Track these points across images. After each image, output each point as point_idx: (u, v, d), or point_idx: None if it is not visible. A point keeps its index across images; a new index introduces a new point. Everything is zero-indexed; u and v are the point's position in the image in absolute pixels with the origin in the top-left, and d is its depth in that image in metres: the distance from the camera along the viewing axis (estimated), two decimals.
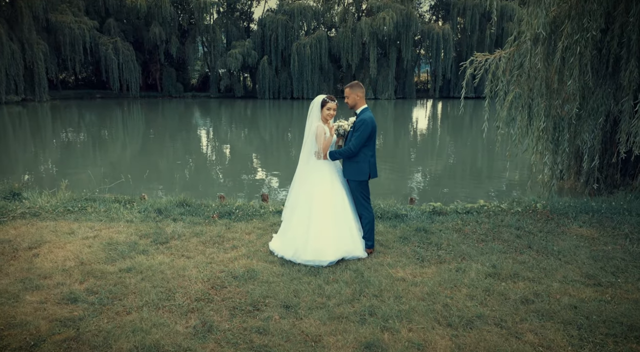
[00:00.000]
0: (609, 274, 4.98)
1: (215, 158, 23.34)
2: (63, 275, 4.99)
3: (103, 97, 53.01)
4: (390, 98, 54.74)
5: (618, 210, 7.15)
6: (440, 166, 21.12)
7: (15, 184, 8.61)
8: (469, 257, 5.46)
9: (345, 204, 5.49)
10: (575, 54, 6.79)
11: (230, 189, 16.80)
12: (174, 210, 7.28)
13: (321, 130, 5.33)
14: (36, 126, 31.68)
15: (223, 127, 35.74)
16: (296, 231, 5.38)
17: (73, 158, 22.12)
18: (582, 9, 6.67)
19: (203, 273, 5.04)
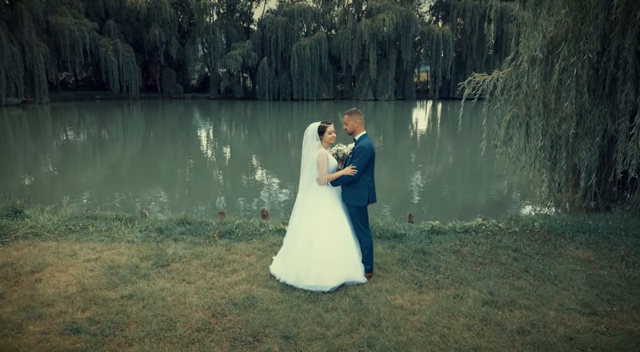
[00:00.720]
0: (605, 302, 5.04)
1: (216, 159, 23.43)
2: (65, 302, 5.06)
3: (103, 98, 53.06)
4: (390, 99, 54.77)
5: (615, 229, 7.21)
6: (440, 167, 21.21)
7: (17, 201, 8.67)
8: (467, 283, 5.53)
9: (346, 228, 5.55)
10: (572, 76, 6.86)
11: (229, 189, 16.88)
12: (175, 229, 7.34)
13: (324, 158, 5.39)
14: (36, 128, 31.75)
15: (223, 128, 35.83)
16: (298, 256, 5.44)
17: (73, 160, 22.20)
18: (578, 32, 6.73)
19: (204, 300, 5.11)
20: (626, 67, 6.89)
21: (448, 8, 57.81)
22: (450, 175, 19.04)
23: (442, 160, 23.48)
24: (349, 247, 5.51)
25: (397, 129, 35.38)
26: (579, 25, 6.74)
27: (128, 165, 21.90)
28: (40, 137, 28.73)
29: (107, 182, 17.73)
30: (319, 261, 5.30)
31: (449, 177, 18.42)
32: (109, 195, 15.63)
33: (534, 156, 7.79)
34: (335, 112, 46.04)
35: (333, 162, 5.54)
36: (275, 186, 18.01)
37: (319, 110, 46.21)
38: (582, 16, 6.70)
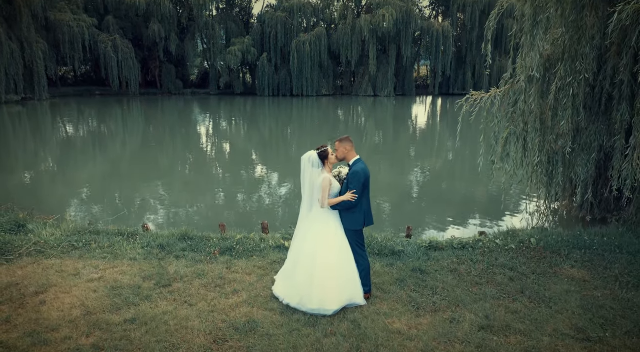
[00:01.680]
0: (598, 327, 5.15)
1: (215, 155, 23.53)
2: (70, 327, 5.16)
3: (102, 94, 52.99)
4: (390, 95, 54.72)
5: (610, 246, 7.31)
6: (440, 162, 21.31)
7: (20, 215, 8.77)
8: (463, 305, 5.63)
9: (348, 252, 5.64)
10: (568, 95, 6.94)
11: (229, 185, 16.97)
12: (177, 245, 7.44)
13: (327, 183, 5.47)
14: (36, 125, 31.78)
15: (223, 124, 35.89)
16: (301, 279, 5.53)
17: (73, 156, 22.26)
18: (575, 53, 6.80)
19: (205, 324, 5.22)
20: (622, 87, 6.97)
21: (448, 3, 57.56)
22: (450, 170, 19.12)
23: (441, 155, 23.60)
24: (351, 270, 5.60)
25: (396, 126, 35.44)
26: (575, 45, 6.80)
27: (128, 161, 21.99)
28: (40, 134, 28.78)
29: (107, 178, 17.84)
30: (321, 286, 5.40)
31: (448, 173, 18.51)
32: (108, 191, 15.76)
33: (531, 171, 7.88)
34: (335, 109, 46.08)
35: (336, 186, 5.62)
36: (275, 181, 18.13)
37: (319, 107, 46.24)
38: (578, 37, 6.76)
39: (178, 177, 18.42)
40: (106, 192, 15.63)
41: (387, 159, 22.74)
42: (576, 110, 7.15)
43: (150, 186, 16.91)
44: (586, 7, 6.62)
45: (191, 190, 16.18)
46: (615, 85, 7.18)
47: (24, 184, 16.55)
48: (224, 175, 19.20)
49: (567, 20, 6.74)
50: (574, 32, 6.77)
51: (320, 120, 37.54)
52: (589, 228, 8.40)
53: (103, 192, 15.49)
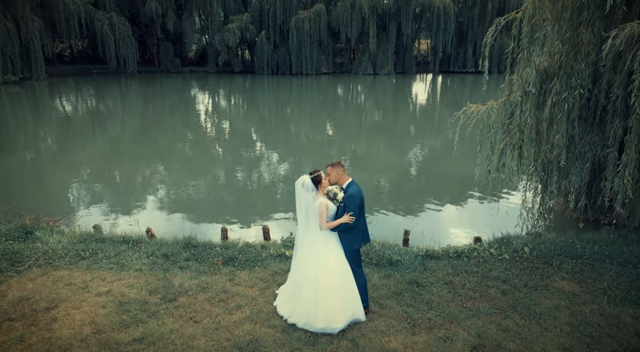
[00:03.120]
0: (584, 347, 5.42)
1: (215, 134, 23.66)
2: (82, 346, 5.42)
3: (100, 72, 52.61)
4: (390, 73, 54.39)
5: (600, 256, 7.54)
6: (439, 142, 21.47)
7: (26, 219, 8.98)
8: (457, 322, 5.89)
9: (348, 270, 5.84)
10: (563, 110, 7.06)
11: (229, 164, 17.17)
12: (180, 255, 7.66)
13: (324, 208, 5.64)
14: (34, 106, 31.76)
15: (222, 103, 35.86)
16: (306, 301, 5.73)
17: (72, 136, 22.38)
18: (570, 69, 6.90)
19: (210, 343, 5.47)
20: (616, 103, 7.08)
21: None
22: (449, 149, 19.27)
23: (440, 134, 23.72)
24: (352, 288, 5.82)
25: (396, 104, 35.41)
26: (571, 61, 6.89)
27: (127, 141, 22.12)
28: (39, 114, 28.77)
29: (107, 158, 18.04)
30: (326, 306, 5.62)
31: (447, 153, 18.66)
32: (108, 171, 15.99)
33: (526, 180, 8.05)
34: (335, 87, 45.91)
35: (333, 209, 5.80)
36: (275, 160, 18.34)
37: (319, 85, 46.03)
38: (574, 53, 6.84)
39: (178, 156, 18.61)
40: (106, 172, 15.87)
41: (386, 138, 22.88)
42: (571, 124, 7.29)
43: (150, 165, 17.12)
44: (582, 24, 6.68)
45: (191, 169, 16.40)
46: (610, 98, 7.30)
47: (24, 166, 16.74)
48: (224, 154, 19.36)
49: (564, 37, 6.81)
50: (570, 48, 6.85)
51: (320, 99, 37.48)
52: (581, 233, 8.60)
53: (103, 173, 15.73)
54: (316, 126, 26.31)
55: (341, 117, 29.54)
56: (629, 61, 6.32)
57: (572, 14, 6.72)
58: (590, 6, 6.62)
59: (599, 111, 7.59)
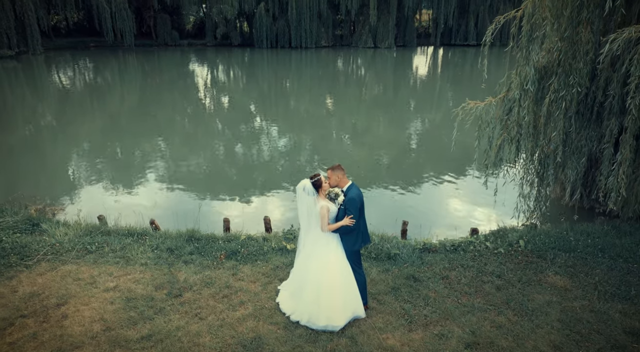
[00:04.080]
0: (573, 344, 5.66)
1: (215, 108, 23.73)
2: (92, 344, 5.66)
3: (97, 46, 52.02)
4: (391, 47, 53.79)
5: (593, 249, 7.74)
6: (439, 116, 21.56)
7: (32, 211, 9.16)
8: (452, 318, 6.13)
9: (349, 270, 6.04)
10: (560, 108, 7.14)
11: (228, 138, 17.35)
12: (184, 248, 7.86)
13: (325, 211, 5.80)
14: (32, 80, 31.67)
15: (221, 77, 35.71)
16: (308, 299, 5.95)
17: (71, 111, 22.44)
18: (569, 67, 6.96)
19: (215, 340, 5.72)
20: (612, 102, 7.15)
21: None
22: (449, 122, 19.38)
23: (441, 108, 23.76)
24: (353, 287, 6.03)
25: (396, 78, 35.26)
26: (570, 60, 6.93)
27: (127, 115, 22.18)
28: (37, 89, 28.70)
29: (106, 133, 18.17)
30: (328, 305, 5.85)
31: (447, 128, 18.77)
32: (110, 146, 16.17)
33: (523, 172, 8.20)
34: (335, 61, 45.53)
35: (334, 211, 5.96)
36: (274, 134, 18.47)
37: (318, 59, 45.65)
38: (573, 52, 6.89)
39: (177, 131, 18.72)
40: (106, 147, 16.04)
41: (386, 112, 22.92)
42: (568, 121, 7.39)
43: (150, 141, 17.26)
44: (582, 23, 6.70)
45: (191, 144, 16.56)
46: (608, 95, 7.37)
47: (25, 142, 16.86)
48: (223, 128, 19.46)
49: (563, 36, 6.84)
50: (569, 47, 6.88)
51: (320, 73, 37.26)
52: (576, 224, 8.79)
53: (103, 148, 15.91)
54: (316, 100, 26.27)
55: (341, 91, 29.46)
56: (626, 62, 6.37)
57: (571, 13, 6.74)
58: (589, 5, 6.63)
59: (596, 107, 7.67)
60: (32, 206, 9.53)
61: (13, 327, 6.01)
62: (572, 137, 7.91)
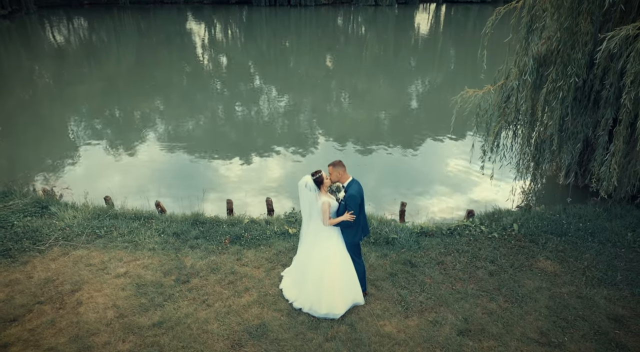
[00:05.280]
0: (559, 330, 6.03)
1: (213, 68, 23.63)
2: (107, 331, 6.02)
3: (91, 3, 50.96)
4: (392, 4, 52.63)
5: (584, 233, 8.02)
6: (440, 76, 21.56)
7: (40, 192, 9.39)
8: (446, 305, 6.48)
9: (349, 260, 6.34)
10: (557, 97, 7.26)
11: (227, 99, 17.50)
12: (190, 232, 8.14)
13: (327, 206, 6.04)
14: (27, 41, 31.24)
15: (219, 36, 35.22)
16: (310, 288, 6.27)
17: (68, 72, 22.35)
18: (567, 57, 7.02)
19: (223, 327, 6.08)
20: (609, 93, 7.25)
21: None
22: (450, 82, 19.43)
23: (442, 69, 23.67)
24: (352, 277, 6.35)
25: (397, 37, 34.78)
26: (568, 50, 6.98)
27: (124, 76, 22.10)
28: (33, 50, 28.36)
29: (105, 94, 18.22)
30: (330, 295, 6.17)
31: (448, 88, 18.84)
32: (108, 108, 16.33)
33: (519, 158, 8.39)
34: (334, 19, 44.68)
35: (334, 205, 6.20)
36: (273, 95, 18.56)
37: (318, 18, 44.79)
38: (572, 42, 6.93)
39: (176, 91, 18.73)
40: (105, 107, 16.19)
41: (387, 71, 22.82)
42: (565, 110, 7.51)
43: (148, 102, 17.37)
44: (582, 14, 6.71)
45: (190, 105, 16.69)
46: (605, 85, 7.46)
47: (24, 104, 16.96)
48: (222, 89, 19.46)
49: (562, 26, 6.86)
50: (568, 38, 6.92)
51: (319, 32, 36.71)
52: (569, 205, 9.03)
53: (102, 108, 16.04)
54: (315, 60, 26.04)
55: (341, 51, 29.15)
56: (623, 58, 6.44)
57: (572, 3, 6.74)
58: None
59: (593, 95, 7.77)
60: (40, 189, 9.75)
61: (31, 313, 6.37)
62: (569, 124, 8.05)
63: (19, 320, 6.25)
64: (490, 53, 7.81)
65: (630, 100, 6.49)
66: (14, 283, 6.94)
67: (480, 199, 10.06)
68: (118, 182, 11.14)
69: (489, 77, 8.70)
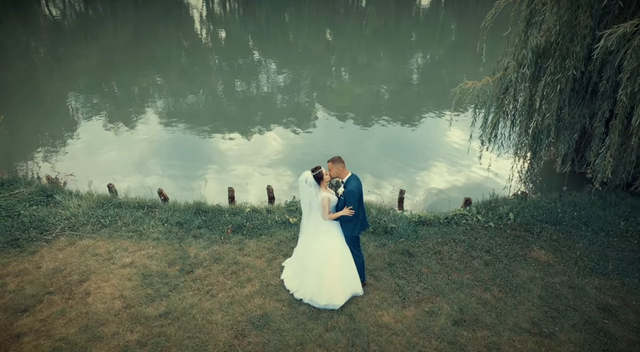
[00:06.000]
0: (550, 320, 6.26)
1: (211, 42, 23.50)
2: (115, 321, 6.26)
3: None
4: None
5: (578, 222, 8.20)
6: (441, 51, 21.49)
7: (44, 181, 9.55)
8: (442, 295, 6.70)
9: (348, 253, 6.53)
10: (555, 90, 7.33)
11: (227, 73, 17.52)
12: (193, 222, 8.32)
13: (326, 202, 6.21)
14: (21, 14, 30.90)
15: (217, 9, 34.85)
16: (311, 280, 6.48)
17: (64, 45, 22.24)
18: (566, 50, 7.07)
19: (226, 318, 6.31)
20: (606, 87, 7.31)
21: None
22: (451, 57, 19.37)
23: (443, 44, 23.53)
24: (352, 269, 6.55)
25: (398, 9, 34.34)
26: (567, 43, 7.03)
27: (121, 50, 21.97)
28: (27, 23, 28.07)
29: (102, 70, 18.21)
30: (330, 287, 6.39)
31: (449, 62, 18.80)
32: (106, 83, 16.39)
33: (516, 148, 8.52)
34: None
35: (334, 200, 6.37)
36: (272, 69, 18.56)
37: None
38: (570, 36, 6.97)
39: (174, 66, 18.67)
40: (102, 81, 16.22)
41: (387, 45, 22.69)
42: (562, 101, 7.59)
43: (146, 76, 17.39)
44: (581, 7, 6.74)
45: (189, 79, 16.71)
46: (602, 77, 7.52)
47: (22, 79, 17.00)
48: (220, 63, 19.40)
49: (562, 20, 6.89)
50: (567, 31, 6.96)
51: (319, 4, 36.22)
52: (565, 193, 9.19)
53: (100, 84, 16.12)
54: (315, 34, 25.83)
55: (341, 23, 28.90)
56: (620, 55, 6.50)
57: None
58: None
59: (591, 87, 7.84)
60: (44, 176, 9.90)
61: (42, 304, 6.60)
62: (566, 115, 8.13)
63: (30, 310, 6.48)
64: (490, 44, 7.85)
65: (626, 95, 6.57)
66: (23, 273, 7.16)
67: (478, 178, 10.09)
68: (118, 157, 11.32)
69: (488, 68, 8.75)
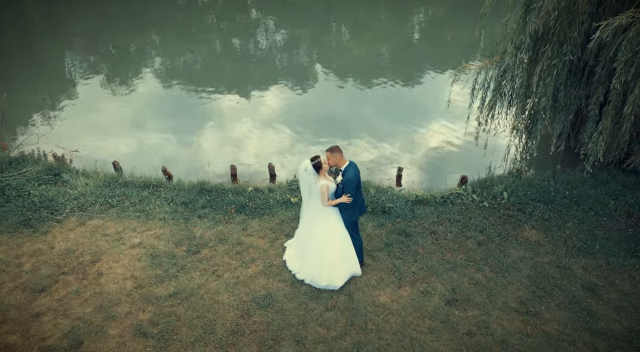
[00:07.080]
0: (537, 300, 6.65)
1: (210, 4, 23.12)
2: (128, 301, 6.66)
3: None
4: None
5: (569, 201, 8.47)
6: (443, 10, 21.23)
7: (51, 159, 9.78)
8: (437, 275, 7.07)
9: (347, 236, 6.85)
10: (552, 75, 7.47)
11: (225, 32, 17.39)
12: (197, 201, 8.60)
13: (325, 189, 6.47)
14: None
15: None
16: (312, 261, 6.84)
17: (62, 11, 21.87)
18: (564, 36, 7.16)
19: (232, 298, 6.70)
20: (601, 73, 7.42)
21: None
22: (453, 15, 19.18)
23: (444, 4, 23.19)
24: (350, 251, 6.89)
25: None
26: (565, 29, 7.10)
27: (119, 10, 21.60)
28: None
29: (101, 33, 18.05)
30: (329, 268, 6.75)
31: (451, 20, 18.60)
32: (103, 46, 16.40)
33: (512, 127, 8.72)
34: None
35: (333, 187, 6.64)
36: (271, 28, 18.41)
37: None
38: (569, 21, 7.03)
39: (171, 26, 18.43)
40: (100, 44, 16.21)
41: (388, 3, 22.31)
42: (559, 85, 7.73)
43: (143, 35, 17.29)
44: None
45: (186, 40, 16.61)
46: (599, 61, 7.61)
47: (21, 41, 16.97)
48: (218, 22, 19.15)
49: (560, 5, 6.94)
50: (565, 16, 7.02)
51: None
52: (558, 171, 9.40)
53: (96, 44, 16.09)
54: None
55: None
56: (615, 46, 6.60)
57: None
58: None
59: (587, 70, 7.94)
60: (50, 154, 10.10)
61: (57, 284, 6.98)
62: (562, 97, 8.26)
63: (47, 290, 6.87)
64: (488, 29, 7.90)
65: (620, 83, 6.72)
66: (38, 253, 7.51)
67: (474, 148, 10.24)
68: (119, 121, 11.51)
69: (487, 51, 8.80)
